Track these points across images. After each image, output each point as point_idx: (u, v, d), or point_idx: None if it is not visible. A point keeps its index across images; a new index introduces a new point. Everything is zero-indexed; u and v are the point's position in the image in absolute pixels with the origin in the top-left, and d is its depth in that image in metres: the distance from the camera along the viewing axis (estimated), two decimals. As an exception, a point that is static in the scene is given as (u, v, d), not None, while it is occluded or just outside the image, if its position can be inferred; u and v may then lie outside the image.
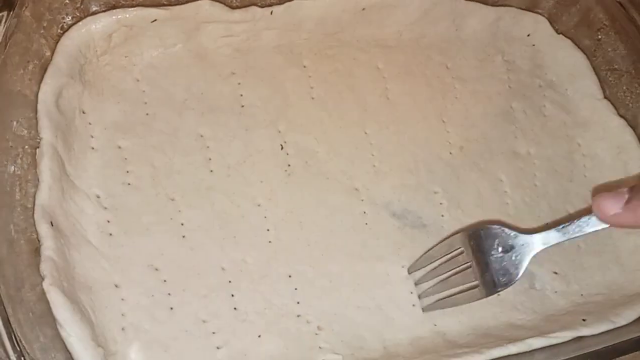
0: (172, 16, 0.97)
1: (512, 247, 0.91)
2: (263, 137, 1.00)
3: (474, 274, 0.92)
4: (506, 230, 0.92)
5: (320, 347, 0.89)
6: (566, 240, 0.89)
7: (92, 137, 0.92)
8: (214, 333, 0.86)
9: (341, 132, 1.04)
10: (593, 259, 1.06)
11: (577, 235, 0.88)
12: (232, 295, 0.89)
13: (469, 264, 0.92)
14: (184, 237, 0.91)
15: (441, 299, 0.94)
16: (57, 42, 0.91)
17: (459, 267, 0.93)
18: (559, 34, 1.19)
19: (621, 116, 1.14)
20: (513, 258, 0.90)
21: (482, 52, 1.17)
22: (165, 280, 0.87)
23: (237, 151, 0.98)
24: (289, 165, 0.99)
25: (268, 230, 0.94)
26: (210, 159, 0.96)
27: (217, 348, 0.86)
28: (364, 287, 0.95)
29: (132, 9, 0.94)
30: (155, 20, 0.96)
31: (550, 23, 1.19)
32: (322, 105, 1.05)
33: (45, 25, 0.89)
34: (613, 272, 1.05)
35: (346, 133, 1.04)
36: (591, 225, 0.86)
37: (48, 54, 0.90)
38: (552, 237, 0.90)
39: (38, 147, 0.85)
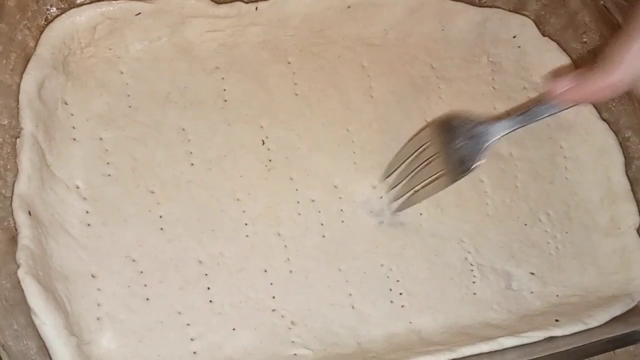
0: (156, 10, 0.97)
1: (473, 136, 0.92)
2: (245, 132, 1.01)
3: (439, 164, 0.94)
4: (468, 120, 0.94)
5: (292, 342, 0.90)
6: (524, 125, 0.91)
7: (73, 128, 0.93)
8: (188, 325, 0.87)
9: (323, 129, 1.04)
10: (571, 261, 1.07)
11: (534, 120, 0.90)
12: (209, 288, 0.90)
13: (434, 156, 0.95)
14: (162, 229, 0.91)
15: (410, 196, 0.98)
16: (41, 33, 0.91)
17: (425, 160, 0.96)
18: (545, 36, 1.20)
19: (604, 120, 1.15)
20: (474, 145, 0.92)
21: (467, 52, 1.18)
22: (142, 272, 0.88)
23: (219, 145, 0.99)
24: (270, 161, 1.00)
25: (246, 224, 0.95)
26: (191, 153, 0.97)
27: (192, 340, 0.87)
28: (340, 284, 0.96)
29: (117, 1, 0.95)
30: (140, 13, 0.96)
31: (537, 25, 1.19)
32: (305, 101, 1.05)
33: (29, 15, 0.90)
34: (590, 274, 1.06)
35: (328, 130, 1.05)
36: (545, 110, 0.89)
37: (32, 44, 0.91)
38: (511, 123, 0.92)
39: (19, 137, 0.86)
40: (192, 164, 0.97)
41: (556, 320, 0.95)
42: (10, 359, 0.70)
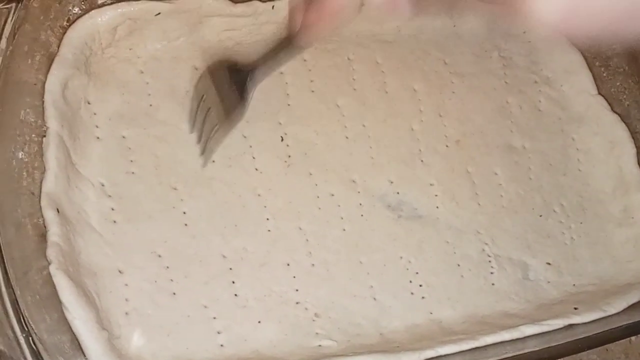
0: (175, 10, 0.99)
1: (239, 82, 0.94)
2: (264, 129, 1.02)
3: (217, 113, 0.95)
4: (232, 67, 0.96)
5: (317, 334, 0.91)
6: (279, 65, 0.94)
7: (96, 127, 0.94)
8: (214, 318, 0.89)
9: (339, 125, 1.06)
10: (586, 250, 1.09)
11: (288, 59, 0.92)
12: (233, 282, 0.91)
13: (213, 105, 0.96)
14: (186, 225, 0.93)
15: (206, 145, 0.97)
16: (64, 34, 0.93)
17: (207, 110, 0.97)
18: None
19: (615, 112, 1.16)
20: (240, 91, 0.94)
21: (479, 48, 1.19)
22: (167, 267, 0.90)
23: (238, 142, 1.00)
24: (289, 157, 1.02)
25: (267, 219, 0.97)
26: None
27: (218, 333, 0.88)
28: (360, 276, 0.97)
29: (137, 2, 0.96)
30: (159, 13, 0.98)
31: (546, 20, 1.21)
32: (321, 98, 1.07)
33: (52, 17, 0.91)
34: (605, 263, 1.08)
35: (344, 126, 1.06)
36: (293, 47, 0.89)
37: (55, 45, 0.92)
38: (268, 67, 0.93)
39: (44, 136, 0.87)
40: (213, 161, 0.98)
41: (575, 309, 0.96)
42: (47, 352, 0.71)
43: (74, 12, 0.94)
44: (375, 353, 0.86)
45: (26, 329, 0.71)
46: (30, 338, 0.71)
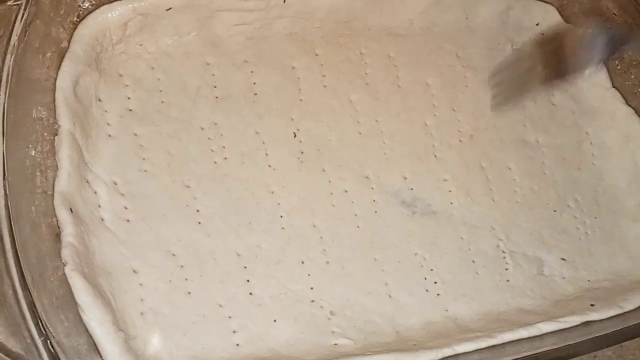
0: (186, 4, 0.97)
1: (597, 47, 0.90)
2: (276, 125, 1.01)
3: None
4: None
5: (332, 332, 0.90)
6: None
7: (108, 124, 0.93)
8: (230, 317, 0.88)
9: (352, 120, 1.05)
10: (600, 246, 1.08)
11: None
12: (248, 281, 0.91)
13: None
14: (200, 223, 0.92)
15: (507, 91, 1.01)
16: (74, 30, 0.92)
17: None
18: (568, 23, 1.20)
19: (629, 105, 1.15)
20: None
21: (492, 41, 1.18)
22: (182, 266, 0.89)
23: (251, 139, 0.99)
24: (302, 153, 1.01)
25: (282, 216, 0.96)
26: (224, 147, 0.97)
27: (234, 332, 0.87)
28: (375, 274, 0.96)
29: (148, -4, 0.95)
30: (170, 8, 0.96)
31: (560, 12, 1.20)
32: (334, 93, 1.06)
33: (62, 12, 0.90)
34: (620, 259, 1.08)
35: (357, 121, 1.05)
36: None
37: (65, 41, 0.91)
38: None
39: (57, 134, 0.86)
40: (225, 158, 0.97)
41: (592, 305, 0.95)
42: (64, 355, 0.70)
43: (84, 7, 0.93)
44: (394, 352, 0.85)
45: (44, 332, 0.70)
46: (48, 341, 0.70)
